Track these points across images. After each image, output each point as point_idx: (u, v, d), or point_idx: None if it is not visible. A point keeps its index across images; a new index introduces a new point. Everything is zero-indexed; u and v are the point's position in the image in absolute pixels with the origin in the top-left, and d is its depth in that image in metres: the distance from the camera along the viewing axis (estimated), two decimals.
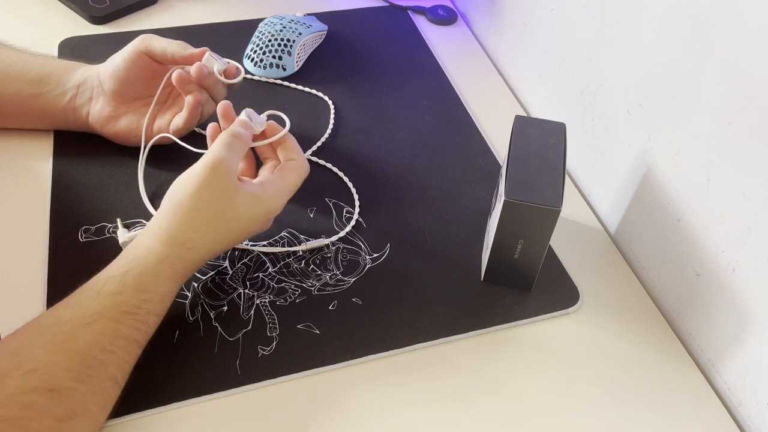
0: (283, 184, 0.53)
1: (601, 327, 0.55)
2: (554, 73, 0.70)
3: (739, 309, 0.49)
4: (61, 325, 0.42)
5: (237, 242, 0.52)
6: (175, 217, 0.47)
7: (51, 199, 0.59)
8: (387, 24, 0.86)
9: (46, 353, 0.40)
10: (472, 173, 0.66)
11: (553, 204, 0.48)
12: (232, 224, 0.49)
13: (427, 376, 0.51)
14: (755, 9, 0.44)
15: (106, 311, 0.43)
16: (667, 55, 0.53)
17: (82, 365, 0.41)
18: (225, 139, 0.50)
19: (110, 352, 0.43)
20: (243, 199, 0.49)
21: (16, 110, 0.62)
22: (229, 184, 0.48)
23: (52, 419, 0.39)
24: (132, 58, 0.59)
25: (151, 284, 0.46)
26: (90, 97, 0.61)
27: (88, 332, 0.42)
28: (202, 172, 0.48)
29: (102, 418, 0.43)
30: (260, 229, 0.53)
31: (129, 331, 0.44)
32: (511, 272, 0.55)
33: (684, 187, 0.53)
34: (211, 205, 0.48)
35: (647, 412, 0.50)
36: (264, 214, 0.52)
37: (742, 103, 0.46)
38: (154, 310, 0.46)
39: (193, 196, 0.47)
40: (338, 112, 0.72)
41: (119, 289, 0.44)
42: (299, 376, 0.50)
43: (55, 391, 0.39)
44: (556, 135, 0.53)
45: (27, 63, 0.61)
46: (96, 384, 0.42)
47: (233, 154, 0.50)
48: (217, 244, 0.50)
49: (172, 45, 0.58)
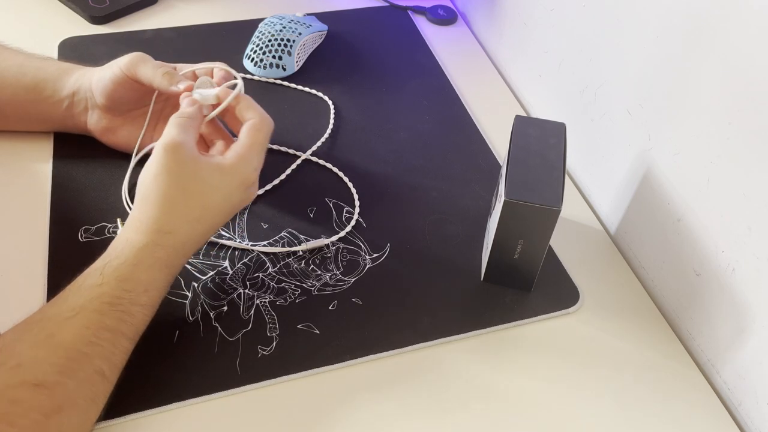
0: (247, 145, 0.51)
1: (601, 327, 0.55)
2: (554, 73, 0.70)
3: (739, 309, 0.49)
4: (46, 321, 0.43)
5: (220, 219, 0.50)
6: (145, 205, 0.48)
7: (51, 199, 0.59)
8: (387, 24, 0.86)
9: (30, 348, 0.41)
10: (472, 173, 0.66)
11: (553, 204, 0.48)
12: (203, 200, 0.49)
13: (427, 376, 0.51)
14: (755, 9, 0.44)
15: (88, 304, 0.43)
16: (667, 55, 0.53)
17: (67, 359, 0.41)
18: (173, 121, 0.50)
19: (95, 344, 0.42)
20: (206, 172, 0.49)
21: (13, 114, 0.62)
22: (185, 160, 0.48)
23: (40, 414, 0.39)
24: (118, 81, 0.57)
25: (132, 273, 0.45)
26: (85, 107, 0.60)
27: (72, 325, 0.42)
28: (156, 156, 0.48)
29: (91, 413, 0.43)
30: (241, 200, 0.52)
31: (113, 322, 0.44)
32: (511, 272, 0.55)
33: (684, 187, 0.53)
34: (174, 184, 0.48)
35: (647, 412, 0.50)
36: (238, 183, 0.50)
37: (742, 103, 0.46)
38: (138, 300, 0.45)
39: (154, 180, 0.48)
40: (338, 112, 0.72)
41: (100, 281, 0.44)
42: (299, 376, 0.50)
43: (41, 386, 0.39)
44: (556, 135, 0.53)
45: (22, 67, 0.60)
46: (82, 377, 0.42)
47: (184, 131, 0.49)
48: (196, 223, 0.49)
49: (157, 77, 0.55)
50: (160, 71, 0.55)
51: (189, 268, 0.55)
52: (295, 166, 0.65)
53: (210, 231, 0.51)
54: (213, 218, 0.50)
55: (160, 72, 0.55)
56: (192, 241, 0.49)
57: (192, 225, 0.48)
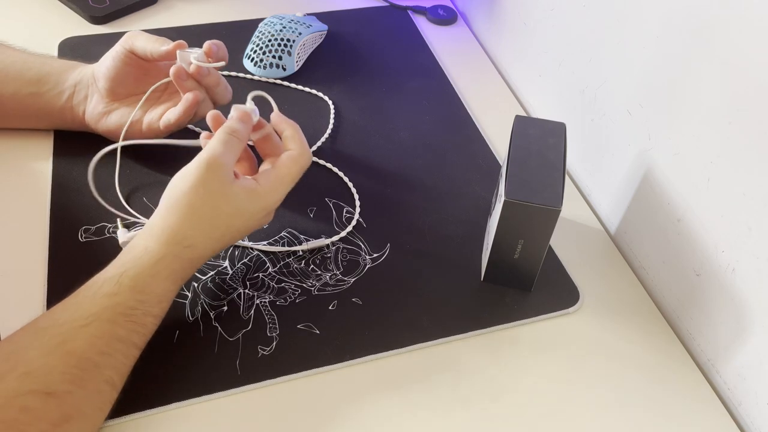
0: (279, 175, 0.51)
1: (601, 327, 0.55)
2: (554, 73, 0.70)
3: (739, 309, 0.49)
4: (57, 327, 0.42)
5: (236, 239, 0.51)
6: (171, 215, 0.47)
7: (51, 199, 0.59)
8: (387, 24, 0.86)
9: (41, 356, 0.40)
10: (472, 173, 0.66)
11: (553, 204, 0.48)
12: (229, 221, 0.49)
13: (427, 376, 0.51)
14: (755, 9, 0.44)
15: (101, 312, 0.43)
16: (668, 55, 0.53)
17: (77, 368, 0.41)
18: (221, 137, 0.50)
19: (107, 354, 0.42)
20: (238, 194, 0.49)
21: (14, 110, 0.62)
22: (224, 180, 0.48)
23: (48, 423, 0.38)
24: (120, 57, 0.59)
25: (148, 285, 0.45)
26: (86, 95, 0.61)
27: (84, 334, 0.42)
28: (197, 169, 0.48)
29: (98, 422, 0.43)
30: (259, 224, 0.52)
31: (126, 333, 0.44)
32: (511, 272, 0.55)
33: (684, 187, 0.53)
34: (207, 202, 0.47)
35: (647, 412, 0.50)
36: (261, 208, 0.50)
37: (742, 103, 0.46)
38: (151, 311, 0.45)
39: (188, 193, 0.47)
40: (338, 112, 0.72)
41: (116, 290, 0.44)
42: (299, 376, 0.50)
43: (50, 395, 0.39)
44: (556, 135, 0.53)
45: (26, 63, 0.61)
46: (92, 387, 0.41)
47: (229, 151, 0.49)
48: (215, 242, 0.49)
49: (150, 43, 0.58)
50: (152, 38, 0.58)
51: None
52: None
53: (225, 247, 0.52)
54: (232, 237, 0.50)
55: (152, 38, 0.58)
56: (207, 255, 0.50)
57: (212, 241, 0.49)
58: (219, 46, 0.58)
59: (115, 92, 0.60)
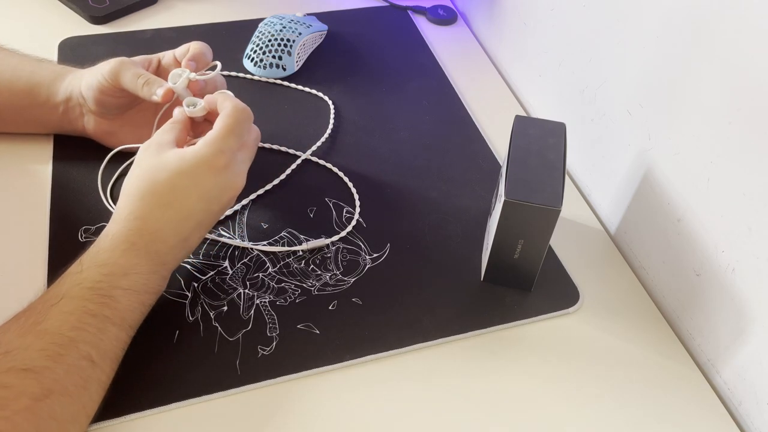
0: (215, 130, 0.51)
1: (601, 327, 0.55)
2: (554, 73, 0.70)
3: (739, 309, 0.49)
4: (31, 310, 0.44)
5: (197, 206, 0.50)
6: (120, 199, 0.50)
7: (51, 199, 0.59)
8: (387, 24, 0.86)
9: (17, 336, 0.42)
10: (472, 173, 0.66)
11: (553, 204, 0.48)
12: (170, 184, 0.49)
13: (427, 376, 0.51)
14: (755, 9, 0.44)
15: (69, 290, 0.45)
16: (668, 55, 0.53)
17: (53, 344, 0.42)
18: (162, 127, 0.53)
19: (79, 329, 0.43)
20: (169, 158, 0.50)
21: (11, 118, 0.62)
22: (156, 152, 0.50)
23: (29, 398, 0.40)
24: (105, 90, 0.57)
25: (108, 258, 0.47)
26: (80, 112, 0.60)
27: (56, 312, 0.43)
28: (135, 157, 0.52)
29: (84, 400, 0.43)
30: (217, 185, 0.50)
31: (96, 307, 0.44)
32: (511, 272, 0.55)
33: (684, 187, 0.53)
34: (141, 175, 0.50)
35: (647, 412, 0.50)
36: (205, 167, 0.49)
37: (742, 103, 0.46)
38: (118, 283, 0.46)
39: (129, 177, 0.51)
40: (338, 112, 0.72)
41: (79, 268, 0.46)
42: (299, 376, 0.50)
43: (29, 371, 0.40)
44: (556, 135, 0.53)
45: (16, 70, 0.60)
46: (70, 362, 0.42)
47: (163, 132, 0.52)
48: (165, 208, 0.48)
49: (139, 88, 0.56)
50: (140, 81, 0.56)
51: (189, 268, 0.55)
52: (295, 166, 0.65)
53: (189, 218, 0.50)
54: (185, 203, 0.49)
55: (140, 82, 0.56)
56: (168, 228, 0.49)
57: (162, 210, 0.49)
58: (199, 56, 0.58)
59: (109, 113, 0.60)
